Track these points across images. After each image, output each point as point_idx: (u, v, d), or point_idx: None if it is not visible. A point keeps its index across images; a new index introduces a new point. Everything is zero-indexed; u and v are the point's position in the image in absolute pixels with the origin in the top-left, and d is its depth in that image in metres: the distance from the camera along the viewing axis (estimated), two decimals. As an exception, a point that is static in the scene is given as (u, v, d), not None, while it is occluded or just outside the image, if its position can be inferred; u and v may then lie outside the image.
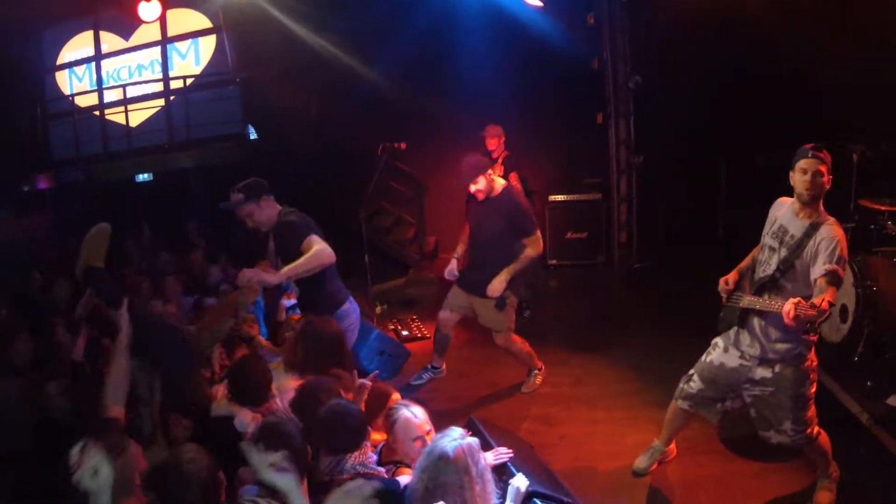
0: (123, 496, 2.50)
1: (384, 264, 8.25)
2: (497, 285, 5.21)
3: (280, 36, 8.97)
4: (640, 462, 4.42)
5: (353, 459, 2.95)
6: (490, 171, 5.33)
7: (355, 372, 4.01)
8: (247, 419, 3.46)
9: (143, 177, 10.12)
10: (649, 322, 7.02)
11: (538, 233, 5.34)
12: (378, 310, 7.71)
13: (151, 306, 5.65)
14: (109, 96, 10.85)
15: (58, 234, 10.38)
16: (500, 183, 5.41)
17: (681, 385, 4.19)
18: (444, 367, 6.08)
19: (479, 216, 5.44)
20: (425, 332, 7.24)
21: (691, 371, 4.14)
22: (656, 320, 7.00)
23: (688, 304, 5.00)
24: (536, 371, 5.79)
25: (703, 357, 4.07)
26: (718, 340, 4.00)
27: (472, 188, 5.25)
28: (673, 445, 4.52)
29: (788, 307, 3.12)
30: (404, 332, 7.27)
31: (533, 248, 5.27)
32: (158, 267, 7.30)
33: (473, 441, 2.80)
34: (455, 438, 2.76)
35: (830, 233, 3.43)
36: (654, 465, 4.43)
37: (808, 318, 3.09)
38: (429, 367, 6.06)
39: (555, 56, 8.67)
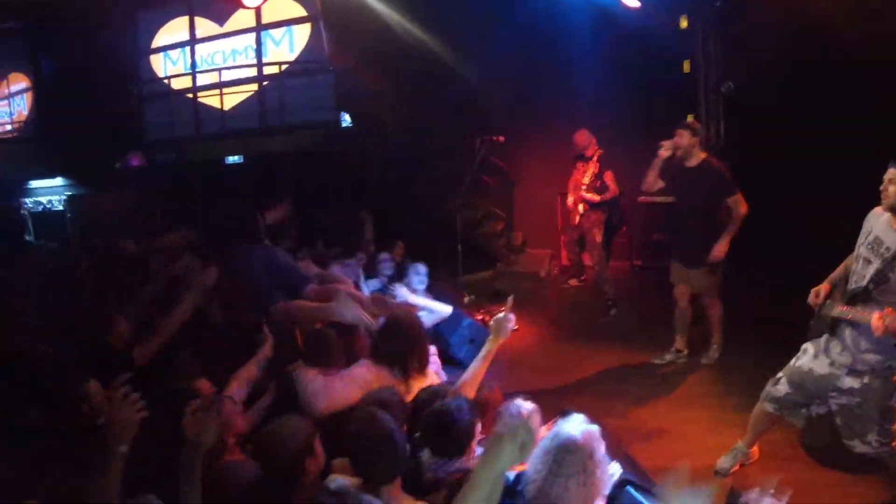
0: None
1: (473, 256, 8.27)
2: (722, 248, 5.54)
3: (377, 26, 9.07)
4: (723, 462, 4.39)
5: (460, 462, 2.97)
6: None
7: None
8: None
9: (233, 159, 10.34)
10: (736, 325, 6.91)
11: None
12: (466, 299, 7.77)
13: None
14: (203, 80, 11.14)
15: (146, 211, 10.75)
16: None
17: (768, 388, 4.17)
18: (685, 350, 6.24)
19: (685, 186, 5.72)
20: (514, 324, 7.25)
21: (780, 374, 4.11)
22: (743, 324, 6.89)
23: (777, 309, 4.93)
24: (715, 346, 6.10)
25: (793, 361, 4.05)
26: (808, 346, 3.99)
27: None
28: (756, 448, 4.47)
29: (876, 321, 3.16)
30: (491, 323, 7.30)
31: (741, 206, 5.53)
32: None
33: (595, 427, 2.83)
34: (580, 424, 2.80)
35: None
36: (737, 467, 4.39)
37: None
38: (672, 350, 6.23)
39: (648, 57, 8.60)
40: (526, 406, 2.77)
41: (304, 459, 2.75)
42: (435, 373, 4.22)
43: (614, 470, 3.16)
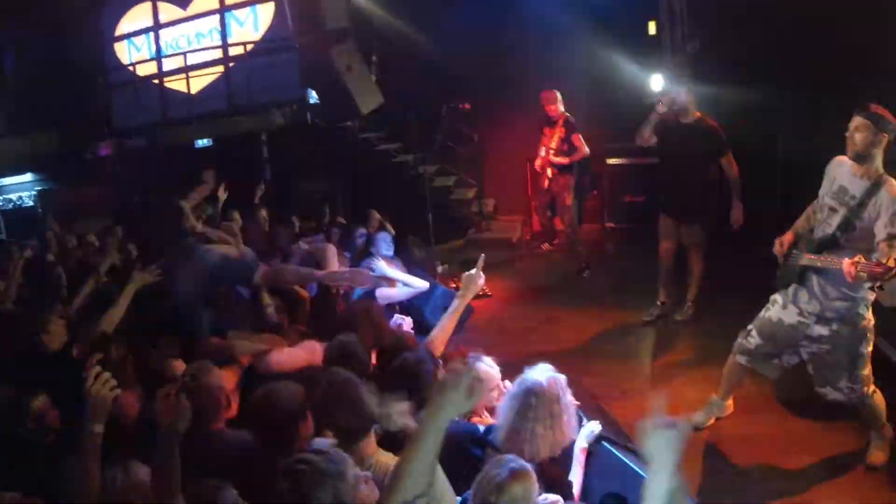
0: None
1: (445, 224, 8.32)
2: (739, 214, 5.75)
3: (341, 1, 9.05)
4: (698, 416, 4.44)
5: None
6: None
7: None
8: None
9: (202, 142, 10.30)
10: (706, 282, 7.01)
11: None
12: (439, 269, 7.80)
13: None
14: (168, 65, 11.06)
15: (120, 198, 10.69)
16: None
17: (739, 340, 4.21)
18: (668, 301, 6.33)
19: (680, 141, 5.78)
20: (486, 291, 7.33)
21: (749, 326, 4.15)
22: (713, 280, 6.98)
23: (746, 264, 5.03)
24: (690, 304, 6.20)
25: (762, 313, 4.08)
26: (777, 297, 4.02)
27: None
28: (731, 402, 4.53)
29: (848, 266, 3.17)
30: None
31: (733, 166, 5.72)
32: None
33: (561, 376, 2.92)
34: (546, 371, 2.90)
35: (891, 194, 3.41)
36: (712, 420, 4.46)
37: (874, 275, 3.11)
38: (657, 303, 6.30)
39: (613, 20, 8.63)
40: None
41: (297, 424, 2.74)
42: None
43: (594, 427, 3.24)
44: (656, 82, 6.51)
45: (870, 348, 3.80)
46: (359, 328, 3.63)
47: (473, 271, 3.61)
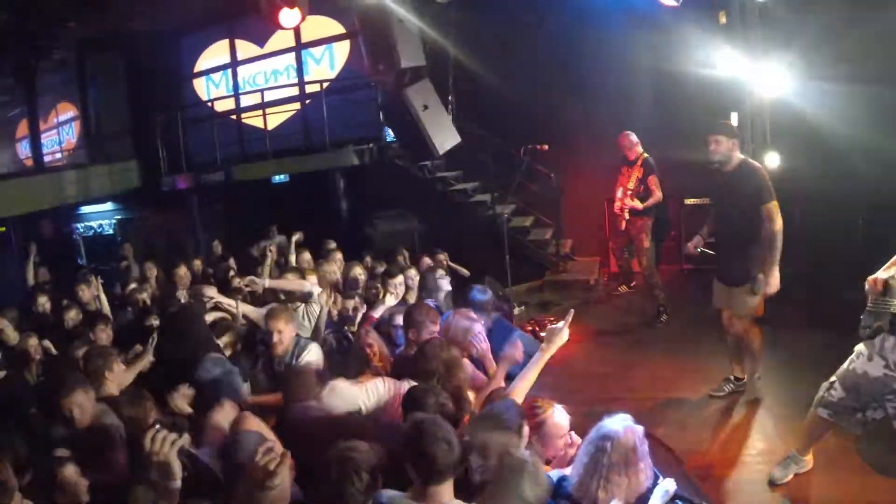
0: None
1: (521, 265, 8.29)
2: (774, 280, 4.88)
3: (416, 39, 9.17)
4: (777, 472, 4.24)
5: None
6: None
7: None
8: None
9: (279, 178, 10.51)
10: (792, 328, 6.81)
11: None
12: (517, 311, 7.75)
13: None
14: (246, 101, 11.36)
15: (196, 230, 11.00)
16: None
17: (821, 393, 4.01)
18: (744, 377, 5.56)
19: (723, 193, 5.15)
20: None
21: (833, 378, 3.96)
22: (798, 326, 6.79)
23: (830, 308, 4.77)
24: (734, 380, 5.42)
25: (846, 364, 3.89)
26: (862, 348, 3.82)
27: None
28: (810, 456, 4.31)
29: None
30: (542, 333, 7.27)
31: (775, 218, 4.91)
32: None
33: (639, 426, 2.86)
34: (624, 420, 2.84)
35: None
36: (791, 476, 4.25)
37: None
38: (731, 378, 5.60)
39: (690, 58, 8.55)
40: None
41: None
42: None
43: (668, 486, 3.13)
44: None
45: None
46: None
47: (560, 325, 3.55)
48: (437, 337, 3.97)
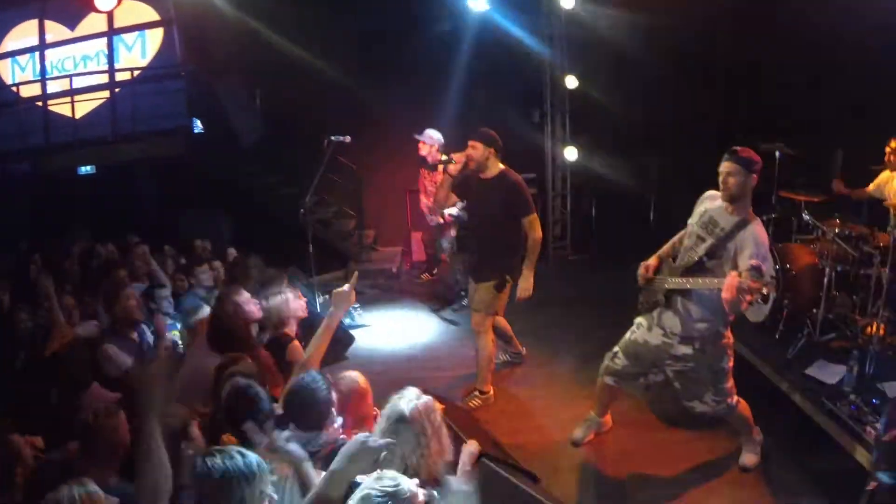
0: None
1: (325, 256, 8.48)
2: (528, 285, 5.23)
3: (227, 30, 9.12)
4: (577, 432, 4.77)
5: (326, 435, 3.10)
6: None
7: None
8: None
9: (85, 169, 10.12)
10: (583, 309, 7.47)
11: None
12: (320, 300, 7.94)
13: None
14: (53, 87, 10.82)
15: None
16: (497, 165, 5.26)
17: (605, 362, 4.54)
18: (522, 350, 6.22)
19: (479, 199, 5.40)
20: (366, 321, 7.56)
21: (615, 348, 4.49)
22: (589, 307, 7.45)
23: (618, 290, 5.30)
24: (478, 394, 5.56)
25: (627, 335, 4.43)
26: (642, 320, 4.36)
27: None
28: (608, 417, 4.89)
29: (731, 279, 3.54)
30: (346, 320, 7.55)
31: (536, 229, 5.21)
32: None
33: (428, 399, 2.95)
34: (411, 399, 2.91)
35: (756, 232, 3.81)
36: (591, 435, 4.80)
37: (751, 289, 3.48)
38: (508, 352, 6.16)
39: (494, 54, 9.00)
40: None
41: None
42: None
43: (473, 448, 3.26)
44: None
45: (731, 363, 4.20)
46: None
47: (345, 287, 3.61)
48: None
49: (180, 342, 5.55)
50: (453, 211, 7.60)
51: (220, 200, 8.83)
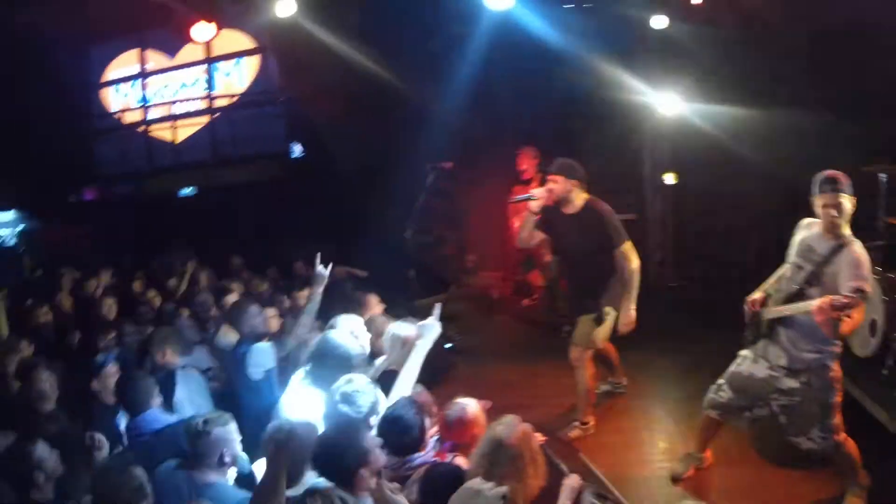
0: None
1: (426, 280, 8.45)
2: (630, 317, 5.03)
3: (326, 56, 9.22)
4: (677, 467, 4.59)
5: (420, 457, 3.28)
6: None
7: None
8: None
9: (186, 191, 10.40)
10: (685, 338, 7.19)
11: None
12: (420, 324, 7.89)
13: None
14: (155, 113, 11.19)
15: (102, 243, 10.74)
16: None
17: (710, 395, 4.37)
18: (624, 381, 5.98)
19: (565, 235, 5.17)
20: (465, 345, 7.49)
21: (720, 381, 4.32)
22: (692, 336, 7.18)
23: (722, 320, 5.08)
24: (578, 424, 5.34)
25: (732, 367, 4.26)
26: (747, 352, 4.21)
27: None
28: (709, 453, 4.67)
29: (819, 301, 3.44)
30: (446, 345, 7.47)
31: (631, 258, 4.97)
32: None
33: (527, 427, 3.04)
34: (510, 425, 3.01)
35: (854, 253, 3.67)
36: (691, 471, 4.59)
37: (842, 305, 3.36)
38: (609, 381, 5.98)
39: (586, 79, 8.87)
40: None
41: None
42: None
43: (574, 482, 3.26)
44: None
45: (839, 398, 3.98)
46: None
47: (430, 320, 3.81)
48: None
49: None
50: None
51: (319, 224, 8.88)
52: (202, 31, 8.71)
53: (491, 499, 2.63)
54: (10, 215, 12.88)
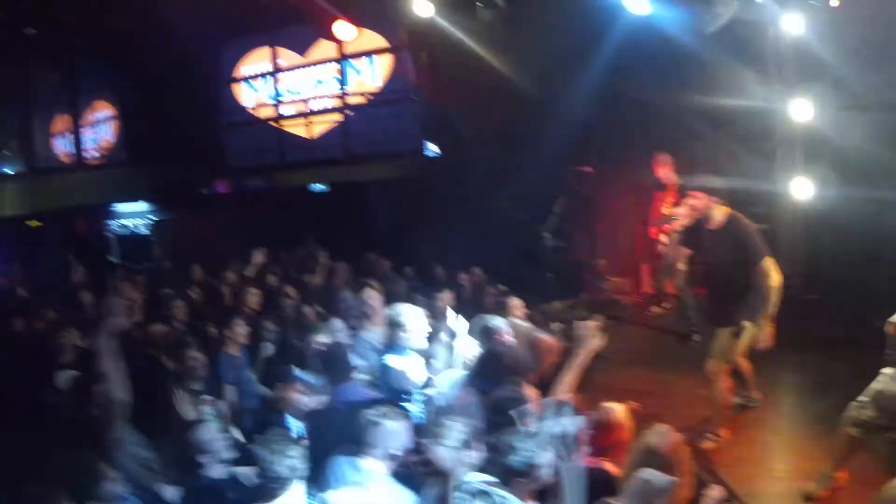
0: None
1: (559, 284, 8.43)
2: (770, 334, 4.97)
3: (461, 56, 9.31)
4: (811, 486, 4.37)
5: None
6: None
7: None
8: None
9: (318, 187, 10.67)
10: (823, 354, 6.96)
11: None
12: (553, 327, 7.88)
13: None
14: (286, 109, 11.54)
15: (232, 234, 11.15)
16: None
17: (851, 412, 4.18)
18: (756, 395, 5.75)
19: (709, 250, 5.14)
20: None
21: (863, 397, 4.14)
22: (830, 350, 6.94)
23: (860, 335, 4.95)
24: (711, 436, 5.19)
25: (873, 385, 4.08)
26: (889, 370, 4.03)
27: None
28: (844, 473, 4.44)
29: None
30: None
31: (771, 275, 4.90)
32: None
33: (678, 436, 3.05)
34: (663, 433, 3.01)
35: None
36: (825, 491, 4.37)
37: None
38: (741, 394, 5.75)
39: (720, 87, 8.66)
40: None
41: None
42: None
43: (717, 493, 3.17)
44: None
45: None
46: None
47: (585, 323, 3.81)
48: None
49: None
50: None
51: (452, 223, 8.97)
52: (343, 29, 8.99)
53: (661, 484, 2.65)
54: (142, 205, 13.59)
